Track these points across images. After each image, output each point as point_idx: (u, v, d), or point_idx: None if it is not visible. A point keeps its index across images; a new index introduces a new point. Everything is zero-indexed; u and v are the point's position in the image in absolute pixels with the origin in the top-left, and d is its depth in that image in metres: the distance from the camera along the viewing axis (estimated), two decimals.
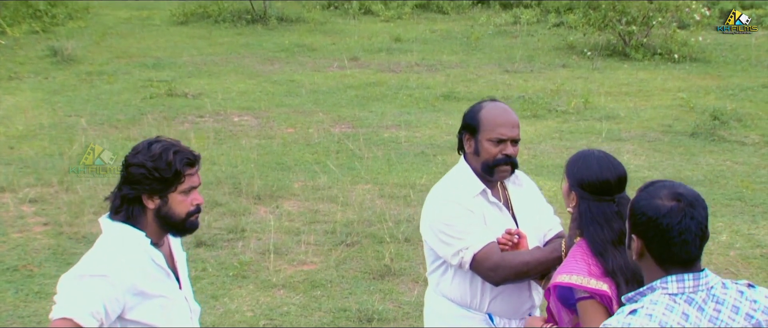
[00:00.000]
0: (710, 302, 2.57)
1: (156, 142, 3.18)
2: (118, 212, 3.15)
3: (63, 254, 7.80)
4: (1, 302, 6.80)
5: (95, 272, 3.01)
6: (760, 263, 7.77)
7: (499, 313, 3.70)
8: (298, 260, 7.63)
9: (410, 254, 7.75)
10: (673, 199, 2.57)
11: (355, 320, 6.45)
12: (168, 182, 3.14)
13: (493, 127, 3.61)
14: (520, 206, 3.81)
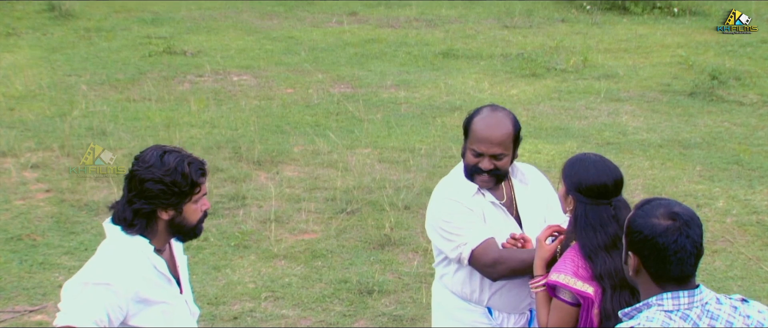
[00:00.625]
0: (705, 317, 2.64)
1: (166, 153, 3.20)
2: (133, 225, 3.17)
3: (66, 223, 7.87)
4: (6, 273, 6.88)
5: (99, 280, 3.06)
6: (755, 231, 7.85)
7: (498, 307, 3.77)
8: (298, 229, 7.71)
9: (410, 222, 7.83)
10: (669, 218, 2.62)
11: (355, 292, 6.55)
12: (185, 194, 3.18)
13: (475, 139, 3.66)
14: (525, 205, 3.83)
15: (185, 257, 3.51)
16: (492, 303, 3.76)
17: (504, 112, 3.75)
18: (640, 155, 9.72)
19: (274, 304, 6.41)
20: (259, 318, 6.18)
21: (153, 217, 3.20)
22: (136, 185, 3.18)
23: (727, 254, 7.41)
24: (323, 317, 6.21)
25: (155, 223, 3.21)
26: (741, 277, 6.98)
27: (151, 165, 3.18)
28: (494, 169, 3.66)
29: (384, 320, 6.16)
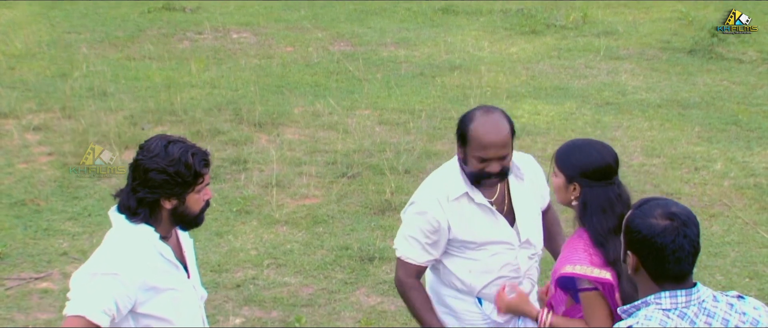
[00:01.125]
0: (702, 315, 2.69)
1: (170, 143, 3.22)
2: (136, 214, 3.21)
3: (69, 188, 7.91)
4: (11, 240, 6.94)
5: (107, 270, 3.11)
6: (752, 194, 7.90)
7: (488, 298, 3.82)
8: (300, 194, 7.75)
9: (410, 186, 7.85)
10: (667, 218, 2.66)
11: (356, 259, 6.61)
12: (188, 184, 3.21)
13: (479, 146, 3.60)
14: (520, 202, 3.82)
15: (191, 241, 3.55)
16: (482, 294, 3.81)
17: (497, 111, 3.71)
18: (639, 116, 9.73)
19: (276, 271, 6.47)
20: (262, 286, 6.24)
21: (157, 206, 3.24)
22: (140, 175, 3.21)
23: (725, 218, 7.46)
24: (325, 284, 6.27)
25: (159, 211, 3.25)
26: (738, 242, 7.04)
27: (156, 155, 3.21)
28: (501, 170, 3.66)
29: (384, 287, 6.23)
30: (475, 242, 3.75)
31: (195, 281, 3.45)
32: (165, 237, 3.30)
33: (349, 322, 5.81)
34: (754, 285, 6.37)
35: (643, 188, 8.00)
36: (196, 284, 3.45)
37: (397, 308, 5.99)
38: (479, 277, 3.80)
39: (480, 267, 3.79)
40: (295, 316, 5.79)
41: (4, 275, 6.43)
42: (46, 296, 6.14)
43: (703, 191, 7.97)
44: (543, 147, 8.89)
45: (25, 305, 6.04)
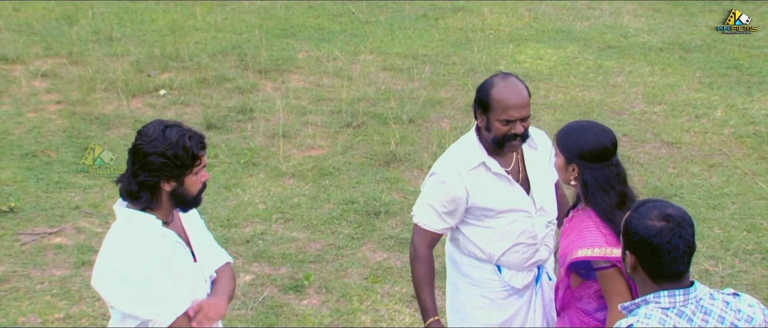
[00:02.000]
0: (699, 312, 2.76)
1: (168, 127, 3.26)
2: (137, 197, 3.28)
3: (78, 138, 7.96)
4: (24, 193, 7.01)
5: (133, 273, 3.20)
6: (752, 143, 7.94)
7: (506, 265, 3.90)
8: (306, 145, 7.80)
9: (414, 136, 7.91)
10: (663, 220, 2.72)
11: (362, 213, 6.68)
12: (186, 166, 3.27)
13: (503, 108, 3.68)
14: (534, 170, 3.92)
15: (201, 222, 3.61)
16: (501, 261, 3.90)
17: (513, 76, 3.81)
18: (641, 60, 9.73)
19: (284, 226, 6.55)
20: (270, 241, 6.33)
21: (157, 188, 3.29)
22: (140, 158, 3.26)
23: (724, 168, 7.52)
24: (332, 239, 6.36)
25: (159, 194, 3.31)
26: (737, 193, 7.10)
27: (154, 139, 3.25)
28: (525, 131, 3.75)
29: (390, 243, 6.32)
30: (493, 210, 3.84)
31: (202, 262, 3.51)
32: (167, 222, 3.36)
33: (356, 279, 5.91)
34: (751, 239, 6.45)
35: (644, 137, 8.05)
36: (205, 265, 3.51)
37: (403, 264, 6.08)
38: (498, 244, 3.88)
39: (498, 235, 3.88)
40: (304, 273, 5.89)
41: (18, 230, 6.51)
42: (61, 252, 6.23)
43: (703, 140, 8.01)
44: (545, 94, 8.92)
45: (40, 261, 6.13)
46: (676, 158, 7.69)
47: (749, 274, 6.02)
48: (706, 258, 6.18)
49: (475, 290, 3.95)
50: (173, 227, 3.39)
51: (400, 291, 5.77)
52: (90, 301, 5.68)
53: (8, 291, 5.80)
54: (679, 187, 7.17)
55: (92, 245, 6.32)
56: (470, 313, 3.97)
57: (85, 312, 5.57)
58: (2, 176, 7.29)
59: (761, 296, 5.78)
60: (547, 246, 3.99)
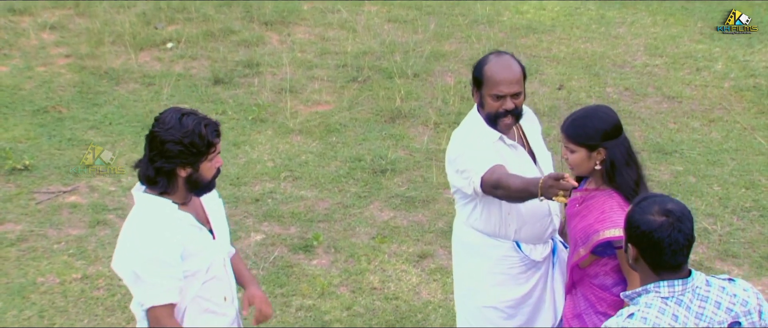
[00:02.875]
0: (696, 300, 2.86)
1: (184, 115, 3.32)
2: (155, 183, 3.35)
3: (88, 93, 8.00)
4: (38, 151, 7.07)
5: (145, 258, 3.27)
6: (752, 97, 7.98)
7: (525, 240, 3.97)
8: (312, 100, 7.84)
9: (419, 92, 7.95)
10: (663, 214, 2.81)
11: (369, 171, 6.76)
12: (201, 153, 3.33)
13: (494, 84, 3.75)
14: (534, 140, 4.01)
15: (219, 201, 3.68)
16: (519, 237, 3.96)
17: (508, 54, 3.87)
18: (643, 10, 9.71)
19: (293, 184, 6.63)
20: (280, 200, 6.42)
21: (173, 174, 3.36)
22: (157, 146, 3.33)
23: (724, 123, 7.57)
24: (340, 198, 6.45)
25: (175, 179, 3.38)
26: (736, 149, 7.16)
27: (171, 127, 3.31)
28: (515, 108, 3.80)
29: (397, 201, 6.40)
30: None
31: (221, 240, 3.59)
32: (184, 204, 3.44)
33: (364, 238, 6.01)
34: (749, 196, 6.53)
35: (645, 91, 8.08)
36: (223, 243, 3.60)
37: (410, 223, 6.18)
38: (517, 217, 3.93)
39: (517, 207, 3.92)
40: (313, 234, 5.98)
41: (33, 188, 6.60)
42: (76, 211, 6.33)
43: (703, 94, 8.05)
44: (548, 46, 8.93)
45: (56, 220, 6.23)
46: (676, 113, 7.74)
47: (747, 232, 6.11)
48: (705, 216, 6.27)
49: (492, 269, 4.00)
50: (191, 208, 3.46)
51: (407, 251, 5.87)
52: (106, 261, 5.79)
53: (26, 251, 5.90)
54: (679, 143, 7.23)
55: (106, 203, 6.41)
56: (489, 291, 4.02)
57: (102, 272, 5.68)
58: (16, 132, 7.35)
59: (759, 253, 5.89)
60: (558, 216, 4.07)
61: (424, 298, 5.42)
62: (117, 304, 5.41)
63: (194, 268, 3.41)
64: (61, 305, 5.41)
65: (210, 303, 3.47)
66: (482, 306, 4.09)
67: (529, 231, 3.96)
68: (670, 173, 6.81)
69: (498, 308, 4.05)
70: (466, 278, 4.16)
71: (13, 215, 6.27)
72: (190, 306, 3.43)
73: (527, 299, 4.04)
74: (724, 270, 5.71)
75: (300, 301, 5.40)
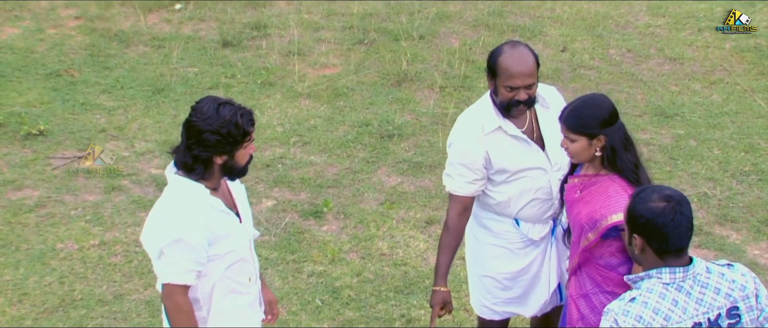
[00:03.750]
0: (696, 286, 2.97)
1: (220, 105, 3.41)
2: (192, 169, 3.45)
3: (99, 56, 8.05)
4: (52, 115, 7.15)
5: (172, 238, 3.38)
6: (752, 58, 8.01)
7: (524, 219, 4.08)
8: (319, 63, 7.89)
9: (424, 54, 7.99)
10: (664, 200, 2.91)
11: (376, 136, 6.83)
12: (238, 142, 3.44)
13: (508, 76, 3.81)
14: (548, 128, 4.03)
15: (242, 187, 3.79)
16: (519, 215, 4.07)
17: (523, 45, 3.89)
18: None
19: (302, 149, 6.72)
20: (290, 165, 6.51)
21: (210, 162, 3.47)
22: (195, 135, 3.42)
23: (725, 85, 7.62)
24: (348, 163, 6.54)
25: (211, 166, 3.49)
26: (736, 112, 7.23)
27: (209, 117, 3.40)
28: (529, 98, 3.88)
29: (404, 167, 6.49)
30: (511, 170, 3.98)
31: (247, 223, 3.70)
32: (215, 189, 3.54)
33: (373, 204, 6.11)
34: (749, 159, 6.62)
35: (648, 53, 8.12)
36: (248, 226, 3.72)
37: (417, 188, 6.28)
38: (516, 201, 4.04)
39: (517, 192, 4.03)
40: (323, 200, 6.08)
41: (49, 154, 6.69)
42: (91, 177, 6.42)
43: (705, 55, 8.08)
44: (552, 6, 8.94)
45: (72, 186, 6.33)
46: (678, 75, 7.78)
47: (746, 196, 6.21)
48: (705, 180, 6.36)
49: (494, 241, 4.13)
50: (220, 193, 3.57)
51: (414, 217, 5.98)
52: (122, 227, 5.91)
53: (45, 217, 6.02)
54: (680, 106, 7.29)
55: (120, 168, 6.51)
56: (488, 262, 4.16)
57: (119, 239, 5.80)
58: (30, 96, 7.42)
59: (757, 217, 5.99)
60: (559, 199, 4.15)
61: (431, 264, 5.53)
62: (134, 270, 5.54)
63: (222, 251, 3.53)
64: (80, 271, 5.54)
65: (236, 284, 3.60)
66: (481, 275, 4.24)
67: (529, 211, 4.06)
68: (671, 137, 6.88)
69: (496, 278, 4.20)
70: (470, 246, 4.31)
71: (30, 181, 6.38)
72: (217, 286, 3.55)
73: (524, 274, 4.16)
74: (722, 235, 5.82)
75: (311, 267, 5.53)
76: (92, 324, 5.11)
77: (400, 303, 5.23)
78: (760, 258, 5.64)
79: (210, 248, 3.48)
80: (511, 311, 4.27)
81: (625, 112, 7.20)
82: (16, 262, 5.59)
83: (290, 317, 5.11)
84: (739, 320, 3.01)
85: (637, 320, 2.90)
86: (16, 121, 6.97)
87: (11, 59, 7.99)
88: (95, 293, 5.35)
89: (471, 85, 7.47)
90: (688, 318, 2.94)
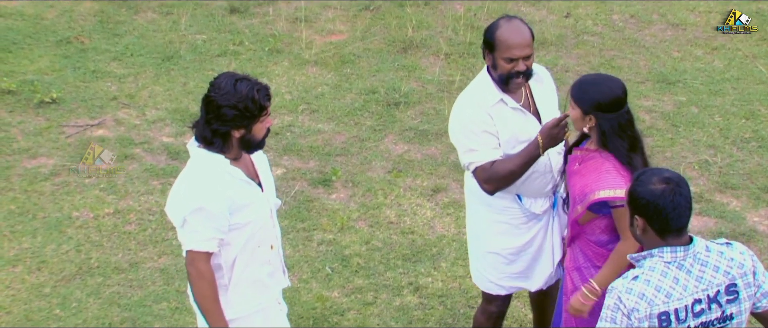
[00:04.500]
0: (696, 264, 3.08)
1: (238, 81, 3.51)
2: (211, 143, 3.57)
3: (108, 23, 8.07)
4: (64, 83, 7.20)
5: (194, 207, 3.52)
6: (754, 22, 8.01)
7: (526, 194, 4.16)
8: (326, 30, 7.92)
9: (430, 20, 8.01)
10: (663, 182, 3.02)
11: (383, 104, 6.89)
12: (254, 116, 3.54)
13: (506, 47, 3.90)
14: (542, 101, 4.13)
15: (265, 157, 3.89)
16: (520, 191, 4.15)
17: (517, 19, 4.00)
18: None
19: (310, 117, 6.78)
20: (298, 133, 6.58)
21: (228, 135, 3.58)
22: (213, 110, 3.55)
23: (726, 51, 7.65)
24: (356, 132, 6.60)
25: (230, 140, 3.61)
26: (737, 78, 7.27)
27: (226, 92, 3.52)
28: (527, 69, 3.96)
29: (410, 135, 6.55)
30: (513, 142, 4.06)
31: (268, 193, 3.81)
32: (235, 159, 3.65)
33: (380, 172, 6.19)
34: (749, 126, 6.68)
35: (650, 19, 8.14)
36: (269, 195, 3.82)
37: (423, 156, 6.36)
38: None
39: None
40: (332, 168, 6.16)
41: (62, 122, 6.76)
42: (104, 145, 6.46)
43: (707, 21, 8.10)
44: None
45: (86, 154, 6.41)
46: (680, 41, 7.81)
47: (746, 163, 6.28)
48: (706, 147, 6.43)
49: (496, 218, 4.21)
50: (241, 163, 3.69)
51: (421, 185, 6.06)
52: (135, 196, 6.00)
53: (60, 185, 6.11)
54: (682, 72, 7.33)
55: (132, 137, 6.58)
56: (493, 238, 4.23)
57: (133, 207, 5.90)
58: (41, 64, 7.48)
59: (757, 185, 6.07)
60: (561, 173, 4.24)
61: (438, 232, 5.63)
62: (148, 239, 5.64)
63: (244, 220, 3.65)
64: (96, 239, 5.64)
65: (259, 251, 3.73)
66: (486, 251, 4.31)
67: (530, 186, 4.14)
68: (673, 104, 6.94)
69: (500, 254, 4.28)
70: (473, 224, 4.38)
71: (45, 149, 6.46)
72: (240, 254, 3.68)
73: (528, 248, 4.24)
74: (723, 202, 5.91)
75: (321, 235, 5.63)
76: (109, 292, 5.22)
77: (407, 271, 5.33)
78: (759, 225, 5.73)
79: (231, 216, 3.60)
80: (517, 286, 4.35)
81: (628, 78, 7.24)
82: (34, 230, 5.69)
83: (301, 285, 5.22)
84: (737, 296, 3.11)
85: (640, 297, 3.01)
86: (29, 89, 7.03)
87: (21, 26, 8.03)
88: (111, 261, 5.46)
89: (476, 52, 7.50)
90: (688, 295, 3.04)
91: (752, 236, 5.59)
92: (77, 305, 5.13)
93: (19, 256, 5.48)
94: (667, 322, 3.01)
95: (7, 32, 7.89)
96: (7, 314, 5.07)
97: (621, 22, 8.08)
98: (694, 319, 3.04)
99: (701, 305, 3.05)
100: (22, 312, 5.08)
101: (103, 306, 5.12)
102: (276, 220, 3.89)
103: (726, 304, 3.08)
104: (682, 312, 3.03)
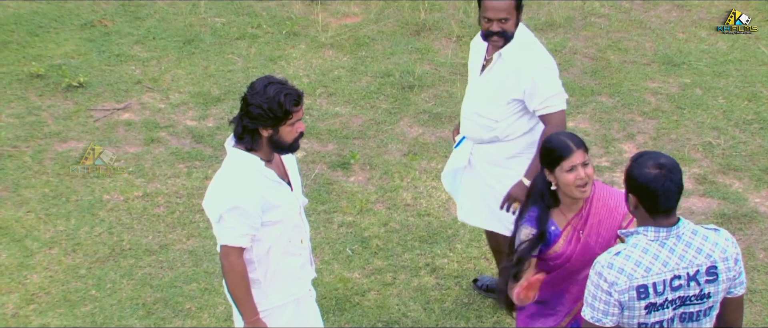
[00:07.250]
0: (680, 244, 3.29)
1: (270, 84, 3.68)
2: (242, 138, 3.75)
3: (130, 5, 8.19)
4: (89, 67, 7.35)
5: (230, 205, 3.70)
6: (757, 4, 8.10)
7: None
8: (341, 12, 8.03)
9: (442, 3, 8.12)
10: (657, 168, 3.25)
11: (398, 87, 7.02)
12: (279, 119, 3.70)
13: (484, 8, 4.41)
14: (492, 75, 4.56)
15: (293, 158, 4.05)
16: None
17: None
18: None
19: (327, 100, 6.93)
20: (316, 116, 6.73)
21: (257, 133, 3.75)
22: (244, 107, 3.74)
23: (730, 32, 7.75)
24: (372, 114, 6.75)
25: (259, 138, 3.77)
26: (740, 60, 7.38)
27: (257, 93, 3.71)
28: (501, 31, 4.38)
29: (425, 118, 6.70)
30: None
31: (297, 192, 3.98)
32: (268, 160, 3.82)
33: (396, 155, 6.35)
34: (751, 108, 6.80)
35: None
36: (298, 195, 3.99)
37: (437, 139, 6.51)
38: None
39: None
40: (350, 151, 6.32)
41: (90, 105, 6.91)
42: (131, 129, 6.65)
43: (711, 2, 8.19)
44: None
45: (113, 137, 6.57)
46: (685, 22, 7.91)
47: (748, 145, 6.42)
48: (710, 129, 6.57)
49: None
50: (274, 165, 3.86)
51: (436, 168, 6.22)
52: (163, 179, 6.17)
53: (90, 169, 6.28)
54: (687, 54, 7.44)
55: (157, 120, 6.74)
56: None
57: (161, 190, 6.07)
58: (67, 47, 7.62)
59: (759, 166, 6.21)
60: None
61: (452, 214, 5.79)
62: (177, 221, 5.82)
63: (275, 218, 3.83)
64: (127, 221, 5.82)
65: (290, 245, 3.92)
66: None
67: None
68: (678, 86, 7.06)
69: None
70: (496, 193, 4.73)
71: (74, 133, 6.62)
72: (273, 248, 3.86)
73: None
74: (726, 183, 6.05)
75: (341, 217, 5.80)
76: (141, 273, 5.41)
77: (424, 252, 5.51)
78: (761, 206, 5.88)
79: (263, 215, 3.78)
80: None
81: (634, 60, 7.37)
82: (68, 213, 5.87)
83: (324, 266, 5.40)
84: (717, 277, 3.30)
85: (619, 271, 3.23)
86: (57, 73, 7.18)
87: (47, 9, 8.16)
88: (142, 243, 5.64)
89: None
90: (668, 271, 3.25)
91: (754, 216, 5.74)
92: (112, 286, 5.32)
93: (55, 238, 5.67)
94: (646, 294, 3.22)
95: (33, 16, 8.03)
96: (47, 295, 5.26)
97: (627, 3, 8.17)
98: (672, 292, 3.23)
99: (680, 281, 3.24)
100: (61, 293, 5.27)
101: (136, 287, 5.30)
102: (304, 216, 4.06)
103: (705, 283, 3.27)
104: (660, 286, 3.22)
